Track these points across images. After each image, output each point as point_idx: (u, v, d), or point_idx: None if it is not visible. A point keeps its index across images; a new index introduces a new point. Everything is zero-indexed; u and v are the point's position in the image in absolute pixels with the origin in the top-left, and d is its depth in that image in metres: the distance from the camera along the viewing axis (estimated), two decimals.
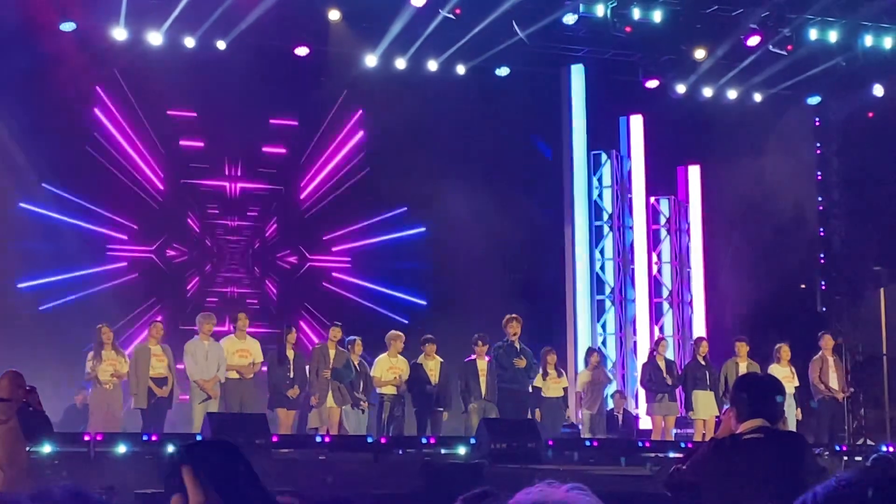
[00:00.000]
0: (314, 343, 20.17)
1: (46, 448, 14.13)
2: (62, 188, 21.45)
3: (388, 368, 18.42)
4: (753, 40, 22.39)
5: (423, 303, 23.22)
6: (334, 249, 23.38)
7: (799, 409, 19.19)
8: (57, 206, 21.32)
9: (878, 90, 23.69)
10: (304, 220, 23.33)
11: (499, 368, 18.48)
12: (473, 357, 18.76)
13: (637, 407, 22.16)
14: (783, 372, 18.46)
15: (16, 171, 20.95)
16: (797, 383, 19.15)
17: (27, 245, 21.00)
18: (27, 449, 11.93)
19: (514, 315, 18.62)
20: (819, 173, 25.62)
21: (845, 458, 18.19)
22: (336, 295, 23.13)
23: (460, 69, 22.80)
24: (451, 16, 21.22)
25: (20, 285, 20.97)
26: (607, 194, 24.26)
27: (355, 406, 18.15)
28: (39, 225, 21.14)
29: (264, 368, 18.11)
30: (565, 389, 19.74)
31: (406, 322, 21.89)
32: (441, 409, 18.71)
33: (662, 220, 24.78)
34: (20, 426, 11.59)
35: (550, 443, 17.26)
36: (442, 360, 18.76)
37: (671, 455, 17.51)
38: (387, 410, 18.24)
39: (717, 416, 18.99)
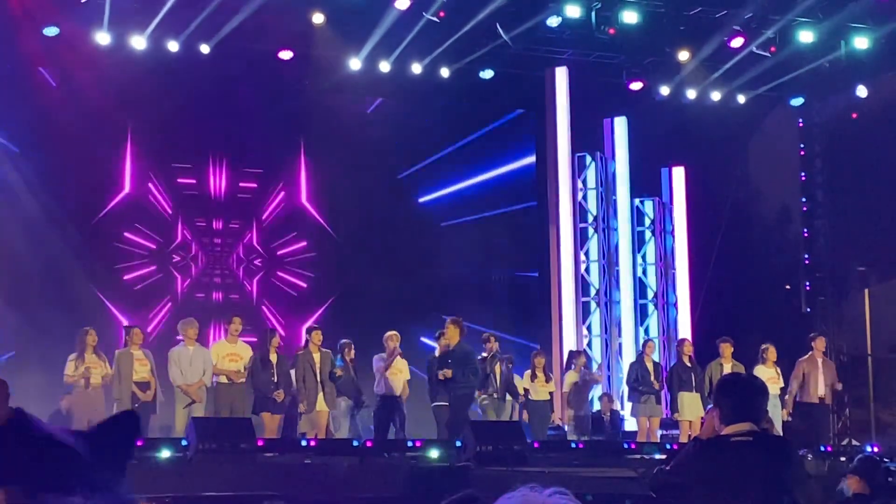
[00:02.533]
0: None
1: None
2: (43, 192, 21.40)
3: (391, 370, 18.23)
4: (737, 42, 22.44)
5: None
6: (323, 251, 23.40)
7: (785, 410, 19.22)
8: (38, 208, 21.27)
9: (862, 91, 23.75)
10: (291, 223, 23.31)
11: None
12: (485, 355, 18.77)
13: (623, 408, 22.18)
14: (768, 373, 18.48)
15: None
16: (782, 384, 19.18)
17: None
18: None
19: (452, 318, 17.99)
20: (803, 174, 25.70)
21: (829, 458, 18.20)
22: (319, 297, 23.14)
23: (444, 72, 22.80)
24: (434, 18, 21.22)
25: None
26: (592, 196, 24.26)
27: (359, 408, 18.16)
28: (13, 227, 21.07)
29: None
30: (552, 394, 19.75)
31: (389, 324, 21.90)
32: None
33: (647, 222, 24.80)
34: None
35: (536, 445, 17.25)
36: None
37: (657, 457, 17.53)
38: (389, 411, 18.11)
39: (702, 417, 19.00)
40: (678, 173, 24.93)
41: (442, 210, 24.02)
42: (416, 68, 22.59)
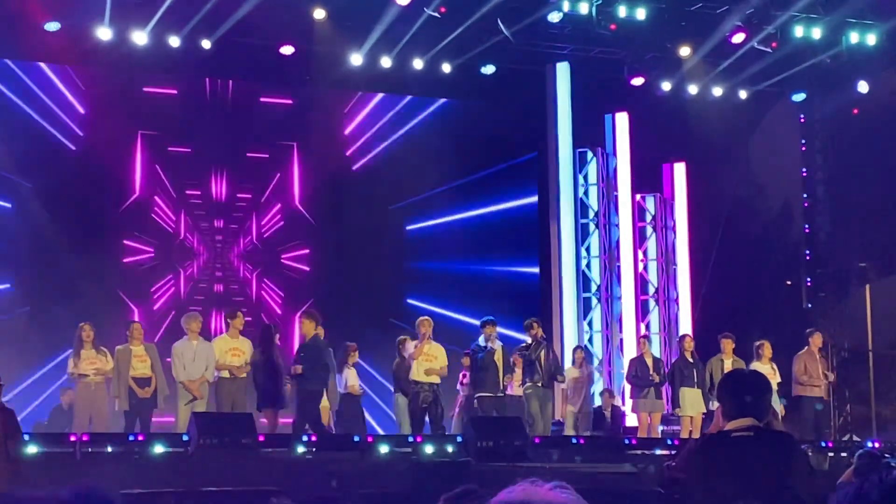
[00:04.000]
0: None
1: (32, 449, 14.10)
2: (43, 186, 21.40)
3: (422, 356, 17.98)
4: (738, 37, 22.41)
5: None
6: (320, 248, 23.39)
7: (782, 406, 19.22)
8: (38, 205, 21.27)
9: (863, 87, 23.72)
10: (291, 220, 23.31)
11: None
12: (529, 341, 18.63)
13: (624, 404, 22.18)
14: (764, 369, 18.41)
15: None
16: (779, 380, 19.16)
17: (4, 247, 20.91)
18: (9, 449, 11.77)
19: (306, 310, 17.94)
20: (804, 170, 25.67)
21: (830, 454, 18.21)
22: (319, 296, 23.13)
23: (446, 67, 22.78)
24: (436, 14, 21.21)
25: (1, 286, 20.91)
26: (593, 192, 24.26)
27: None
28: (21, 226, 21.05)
29: None
30: None
31: (394, 321, 21.93)
32: (502, 394, 18.41)
33: (648, 218, 24.80)
34: (3, 427, 11.48)
35: (537, 440, 17.25)
36: (503, 343, 18.46)
37: (657, 452, 17.53)
38: (424, 400, 17.81)
39: (703, 413, 19.01)
40: (679, 169, 24.92)
41: (442, 205, 24.01)
42: (418, 64, 22.56)
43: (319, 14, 21.07)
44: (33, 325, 20.67)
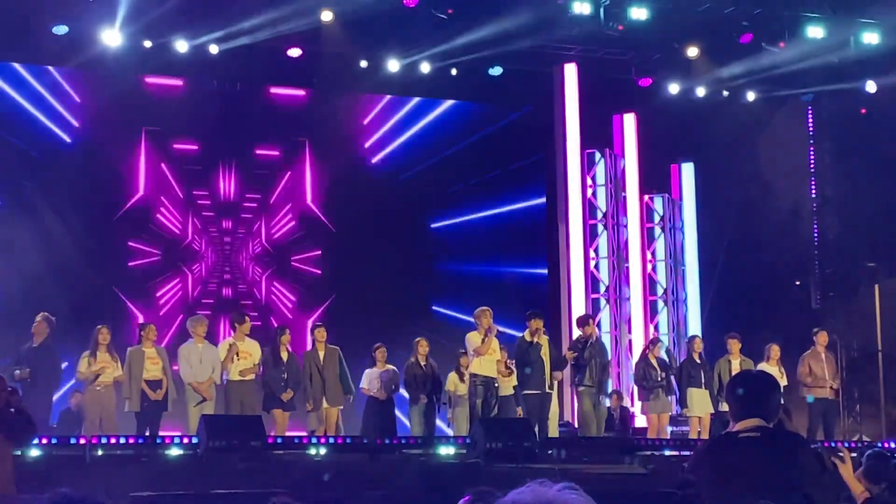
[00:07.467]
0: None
1: (34, 452, 14.10)
2: (44, 186, 21.42)
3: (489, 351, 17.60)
4: (746, 38, 22.40)
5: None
6: (327, 250, 23.40)
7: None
8: (44, 208, 21.29)
9: (871, 86, 23.71)
10: (301, 221, 23.32)
11: None
12: (583, 338, 18.36)
13: (633, 405, 22.17)
14: (772, 371, 18.43)
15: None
16: (786, 382, 19.10)
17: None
18: (13, 454, 11.72)
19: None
20: (812, 170, 25.65)
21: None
22: (325, 294, 23.14)
23: (453, 69, 22.78)
24: (443, 16, 21.22)
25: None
26: (601, 192, 24.27)
27: (437, 406, 18.05)
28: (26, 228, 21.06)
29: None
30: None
31: (400, 320, 21.91)
32: (551, 391, 17.99)
33: (656, 218, 24.80)
34: (4, 430, 11.42)
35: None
36: (549, 337, 18.10)
37: (666, 453, 17.51)
38: (480, 394, 17.48)
39: (712, 414, 19.00)
40: (687, 169, 24.94)
41: (447, 206, 24.01)
42: (425, 66, 22.56)
43: (327, 16, 21.08)
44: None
